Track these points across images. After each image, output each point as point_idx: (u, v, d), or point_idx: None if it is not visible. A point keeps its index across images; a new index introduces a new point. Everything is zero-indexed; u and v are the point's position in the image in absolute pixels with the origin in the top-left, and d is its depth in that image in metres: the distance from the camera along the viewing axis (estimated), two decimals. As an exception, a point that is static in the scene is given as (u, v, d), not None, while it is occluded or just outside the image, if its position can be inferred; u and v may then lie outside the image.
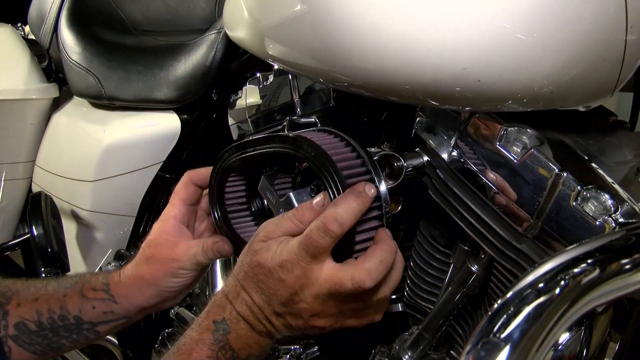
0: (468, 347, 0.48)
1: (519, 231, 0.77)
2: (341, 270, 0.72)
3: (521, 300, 0.49)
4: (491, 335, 0.48)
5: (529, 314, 0.48)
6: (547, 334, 0.48)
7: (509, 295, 0.50)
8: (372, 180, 0.78)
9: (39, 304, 0.93)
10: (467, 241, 0.90)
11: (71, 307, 0.94)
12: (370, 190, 0.75)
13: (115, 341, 1.77)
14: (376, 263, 0.73)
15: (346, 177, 0.75)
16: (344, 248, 0.75)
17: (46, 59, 1.78)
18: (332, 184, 0.75)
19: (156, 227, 0.95)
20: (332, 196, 0.75)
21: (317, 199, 0.75)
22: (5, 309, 0.92)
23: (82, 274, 1.00)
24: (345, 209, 0.72)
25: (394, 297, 1.08)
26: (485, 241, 0.81)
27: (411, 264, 1.03)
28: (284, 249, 0.73)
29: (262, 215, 0.97)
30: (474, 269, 0.88)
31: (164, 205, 0.99)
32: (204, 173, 0.95)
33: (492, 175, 0.78)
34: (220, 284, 1.37)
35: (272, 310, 0.75)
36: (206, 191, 0.97)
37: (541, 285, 0.50)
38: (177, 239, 0.93)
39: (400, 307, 1.09)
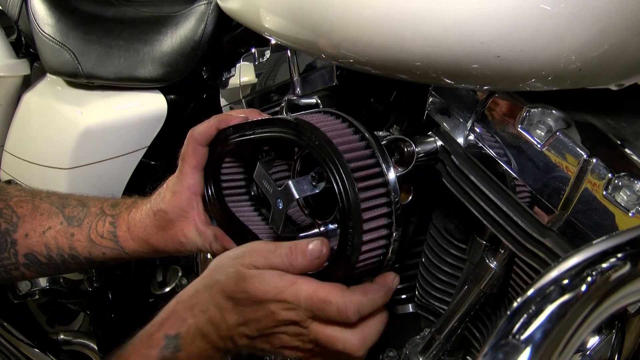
0: (485, 350, 0.49)
1: (542, 224, 0.77)
2: (338, 332, 0.76)
3: (544, 298, 0.50)
4: (510, 336, 0.48)
5: (552, 313, 0.49)
6: (572, 336, 0.49)
7: (530, 292, 0.51)
8: (378, 164, 0.79)
9: (47, 238, 1.01)
10: (484, 235, 0.91)
11: (80, 249, 1.01)
12: (397, 283, 0.82)
13: (95, 347, 1.78)
14: (372, 333, 0.78)
15: (349, 161, 0.76)
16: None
17: (15, 32, 1.78)
18: (337, 177, 0.76)
19: (169, 195, 0.97)
20: (337, 190, 0.76)
21: (312, 246, 0.77)
22: (12, 238, 1.00)
23: (87, 205, 1.04)
24: (370, 304, 0.77)
25: (403, 297, 1.09)
26: (505, 235, 0.82)
27: (423, 260, 1.04)
28: (288, 289, 0.76)
29: (261, 200, 0.98)
30: (492, 265, 0.89)
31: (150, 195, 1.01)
32: (207, 130, 0.95)
33: (512, 161, 0.78)
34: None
35: (243, 333, 0.77)
36: None
37: (566, 281, 0.50)
38: (189, 214, 0.97)
39: (410, 308, 1.10)
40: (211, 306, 0.77)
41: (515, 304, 0.51)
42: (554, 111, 0.76)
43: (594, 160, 0.72)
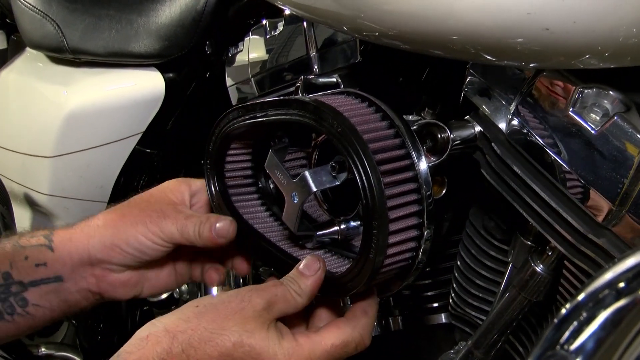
0: (529, 361, 0.50)
1: (596, 221, 0.78)
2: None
3: (597, 303, 0.50)
4: (558, 346, 0.49)
5: (606, 321, 0.49)
6: (629, 346, 0.50)
7: (581, 297, 0.51)
8: (408, 156, 0.80)
9: None
10: (529, 234, 0.92)
11: (1, 259, 0.97)
12: None
13: (80, 361, 1.80)
14: None
15: (375, 152, 0.77)
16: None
17: (-11, 0, 1.80)
18: (361, 171, 0.77)
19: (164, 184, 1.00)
20: (361, 186, 0.77)
21: (305, 263, 0.86)
22: None
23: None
24: (374, 320, 0.89)
25: (435, 305, 1.10)
26: (553, 234, 0.82)
27: (458, 263, 1.05)
28: (293, 352, 0.82)
29: (271, 193, 0.99)
30: (538, 269, 0.89)
31: (144, 188, 1.02)
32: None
33: (562, 149, 0.79)
34: (214, 288, 1.40)
35: None
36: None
37: (622, 285, 0.51)
38: (177, 202, 0.97)
39: (443, 318, 1.11)
40: None
41: (564, 310, 0.51)
42: (610, 92, 0.77)
43: (657, 149, 0.72)
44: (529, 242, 0.92)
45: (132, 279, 0.99)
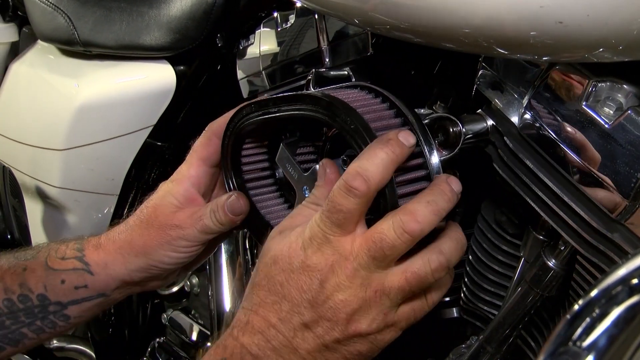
0: (541, 358, 0.50)
1: (610, 216, 0.77)
2: (377, 225, 0.75)
3: (610, 299, 0.50)
4: (570, 342, 0.49)
5: (619, 317, 0.49)
6: (642, 343, 0.50)
7: (594, 293, 0.51)
8: (420, 154, 0.80)
9: None
10: (542, 229, 0.92)
11: (34, 283, 0.96)
12: (408, 139, 0.78)
13: (92, 354, 1.81)
14: (422, 204, 0.76)
15: None
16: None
17: (1, -7, 1.81)
18: None
19: (164, 186, 0.99)
20: None
21: (327, 169, 0.82)
22: None
23: (47, 242, 1.03)
24: (370, 161, 0.74)
25: (447, 299, 1.10)
26: (565, 229, 0.82)
27: (470, 257, 1.04)
28: (305, 228, 0.77)
29: (288, 183, 1.00)
30: (550, 264, 0.89)
31: (154, 181, 1.02)
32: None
33: (575, 143, 0.79)
34: (225, 281, 1.40)
35: (298, 323, 0.76)
36: None
37: (635, 281, 0.51)
38: (184, 205, 0.97)
39: (455, 312, 1.11)
40: (250, 314, 0.78)
41: (576, 307, 0.51)
42: (625, 86, 0.76)
43: (672, 143, 0.72)
44: (541, 237, 0.92)
45: (172, 275, 1.04)
